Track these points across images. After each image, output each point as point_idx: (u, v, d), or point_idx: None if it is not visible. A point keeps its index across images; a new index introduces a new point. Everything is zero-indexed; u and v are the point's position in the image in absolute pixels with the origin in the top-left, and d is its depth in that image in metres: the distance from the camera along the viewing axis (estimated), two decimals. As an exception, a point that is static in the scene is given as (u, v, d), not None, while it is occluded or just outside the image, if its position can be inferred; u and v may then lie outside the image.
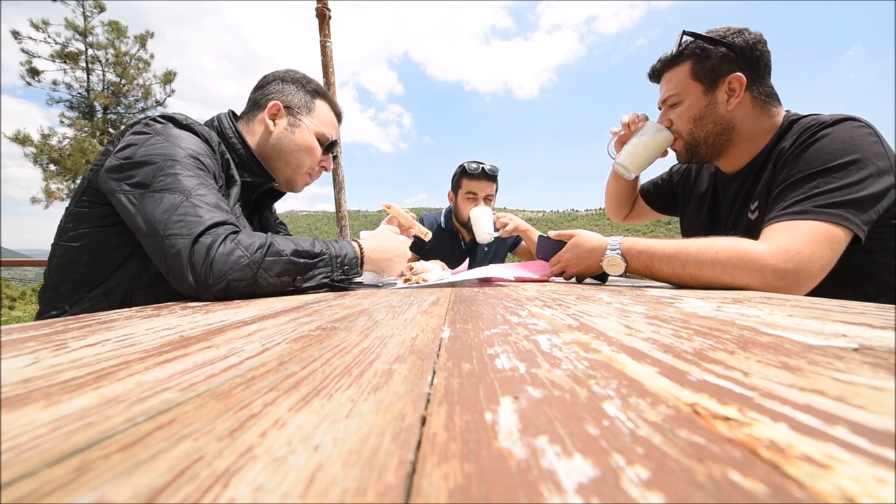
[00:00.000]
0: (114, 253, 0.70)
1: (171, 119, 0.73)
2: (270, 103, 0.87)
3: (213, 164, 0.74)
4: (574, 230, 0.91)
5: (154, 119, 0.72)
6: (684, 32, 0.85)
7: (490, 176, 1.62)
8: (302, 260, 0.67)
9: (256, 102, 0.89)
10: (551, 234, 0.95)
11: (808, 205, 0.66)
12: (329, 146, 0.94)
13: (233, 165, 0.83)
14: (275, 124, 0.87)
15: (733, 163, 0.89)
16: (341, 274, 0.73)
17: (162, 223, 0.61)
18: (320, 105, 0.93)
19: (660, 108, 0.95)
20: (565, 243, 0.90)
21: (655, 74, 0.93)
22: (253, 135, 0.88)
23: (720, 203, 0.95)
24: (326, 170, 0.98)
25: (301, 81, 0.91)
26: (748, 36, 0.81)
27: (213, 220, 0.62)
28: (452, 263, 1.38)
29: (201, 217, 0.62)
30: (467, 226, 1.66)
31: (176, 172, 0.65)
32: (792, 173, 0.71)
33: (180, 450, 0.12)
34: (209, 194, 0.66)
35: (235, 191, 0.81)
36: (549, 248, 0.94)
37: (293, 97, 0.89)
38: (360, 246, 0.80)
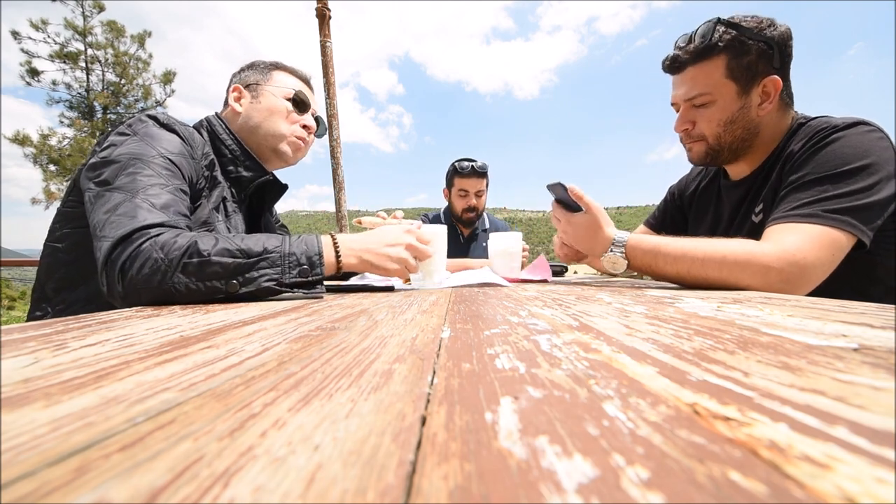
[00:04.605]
0: (91, 254, 0.68)
1: (153, 118, 0.73)
2: (231, 88, 0.91)
3: (190, 165, 0.73)
4: (596, 203, 0.78)
5: (137, 118, 0.72)
6: (719, 21, 0.74)
7: (479, 173, 1.75)
8: (231, 260, 0.56)
9: (225, 101, 0.93)
10: (575, 188, 0.79)
11: (816, 208, 0.65)
12: (301, 104, 0.94)
13: (218, 167, 0.82)
14: (241, 105, 0.90)
15: (742, 167, 0.86)
16: (296, 276, 0.59)
17: (100, 224, 0.58)
18: (278, 74, 0.94)
19: (675, 106, 0.85)
20: (579, 208, 0.79)
21: (677, 65, 0.80)
22: (230, 125, 0.90)
23: (724, 208, 0.93)
24: (310, 130, 0.96)
25: (257, 63, 0.94)
26: (782, 29, 0.74)
27: (147, 221, 0.57)
28: (451, 255, 1.48)
29: (135, 217, 0.57)
30: (462, 220, 1.84)
31: (136, 172, 0.62)
32: (802, 175, 0.70)
33: (180, 450, 0.12)
34: (162, 194, 0.62)
35: (217, 193, 0.80)
36: (564, 196, 0.81)
37: (250, 76, 0.92)
38: (333, 239, 0.67)
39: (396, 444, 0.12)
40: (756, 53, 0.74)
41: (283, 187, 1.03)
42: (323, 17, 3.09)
